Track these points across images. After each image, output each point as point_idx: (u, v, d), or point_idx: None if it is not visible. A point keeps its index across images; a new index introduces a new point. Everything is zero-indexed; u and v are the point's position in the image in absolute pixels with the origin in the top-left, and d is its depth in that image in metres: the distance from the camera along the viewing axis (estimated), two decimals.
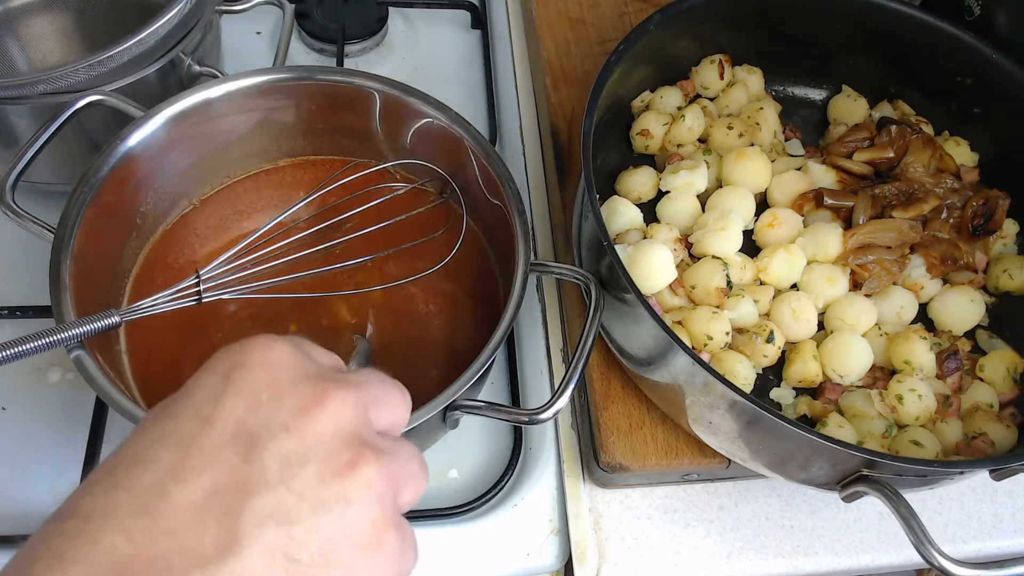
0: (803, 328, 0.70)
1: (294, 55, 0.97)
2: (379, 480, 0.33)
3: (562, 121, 0.87)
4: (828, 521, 0.72)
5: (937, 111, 0.85)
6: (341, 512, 0.32)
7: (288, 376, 0.34)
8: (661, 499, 0.72)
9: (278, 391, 0.33)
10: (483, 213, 0.72)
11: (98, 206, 0.62)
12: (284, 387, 0.33)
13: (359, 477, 0.32)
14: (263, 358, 0.34)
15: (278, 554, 0.30)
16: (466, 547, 0.67)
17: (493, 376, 0.77)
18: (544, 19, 0.95)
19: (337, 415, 0.33)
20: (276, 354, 0.35)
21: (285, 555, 0.30)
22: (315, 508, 0.31)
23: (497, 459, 0.73)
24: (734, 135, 0.80)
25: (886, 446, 0.66)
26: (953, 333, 0.74)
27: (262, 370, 0.34)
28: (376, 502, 0.33)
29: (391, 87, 0.70)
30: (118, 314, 0.54)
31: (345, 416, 0.34)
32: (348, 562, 0.32)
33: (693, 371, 0.59)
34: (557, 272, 0.66)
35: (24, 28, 0.80)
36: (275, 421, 0.32)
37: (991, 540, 0.73)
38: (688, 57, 0.85)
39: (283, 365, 0.34)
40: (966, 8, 0.83)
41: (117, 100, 0.66)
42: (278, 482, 0.31)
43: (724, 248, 0.71)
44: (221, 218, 0.74)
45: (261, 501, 0.30)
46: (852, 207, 0.76)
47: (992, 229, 0.77)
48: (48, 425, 0.70)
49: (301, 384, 0.34)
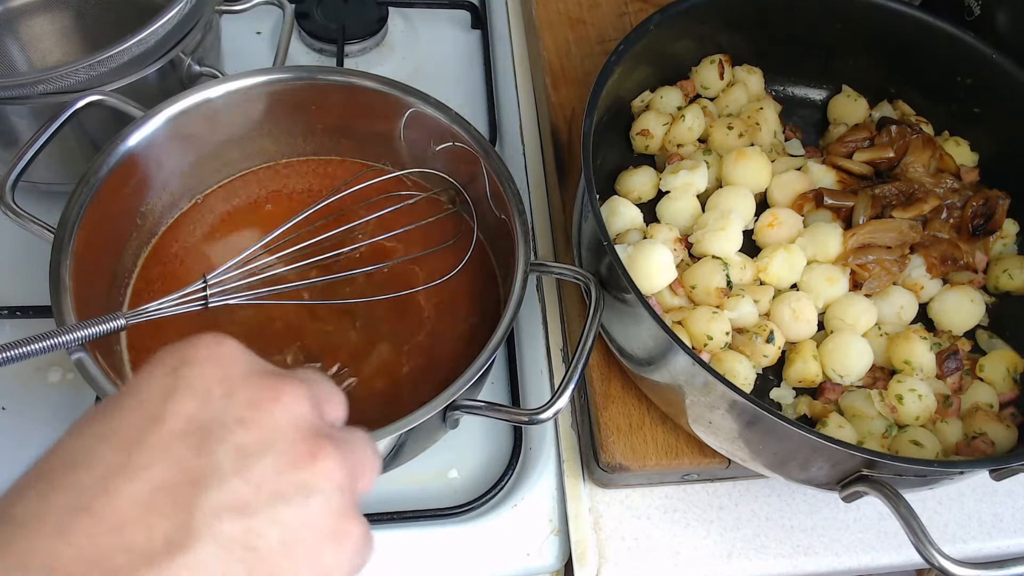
0: (803, 328, 0.70)
1: (294, 55, 0.97)
2: (339, 470, 0.33)
3: (562, 121, 0.87)
4: (828, 521, 0.72)
5: (937, 111, 0.85)
6: (302, 502, 0.31)
7: (239, 372, 0.33)
8: (661, 499, 0.72)
9: (230, 387, 0.33)
10: (483, 213, 0.72)
11: (98, 206, 0.62)
12: (236, 383, 0.33)
13: (320, 468, 0.32)
14: (212, 354, 0.33)
15: (235, 545, 0.29)
16: (466, 547, 0.67)
17: (493, 376, 0.77)
18: (544, 19, 0.95)
19: (292, 408, 0.33)
20: (225, 350, 0.34)
21: (243, 545, 0.29)
22: (273, 499, 0.30)
23: (497, 459, 0.73)
24: (734, 135, 0.80)
25: (886, 446, 0.66)
26: (953, 333, 0.74)
27: (212, 366, 0.33)
28: (337, 492, 0.32)
29: (391, 87, 0.70)
30: (123, 317, 0.54)
31: (301, 409, 0.33)
32: (311, 552, 0.31)
33: (693, 371, 0.59)
34: (557, 272, 0.66)
35: (24, 28, 0.80)
36: (229, 416, 0.32)
37: (991, 540, 0.73)
38: (688, 57, 0.85)
39: (233, 361, 0.34)
40: (966, 8, 0.83)
41: (117, 100, 0.66)
42: (232, 474, 0.30)
43: (724, 248, 0.71)
44: (221, 218, 0.74)
45: (215, 494, 0.29)
46: (852, 207, 0.76)
47: (992, 229, 0.77)
48: (48, 425, 0.70)
49: (253, 379, 0.33)
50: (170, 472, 0.29)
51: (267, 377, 0.34)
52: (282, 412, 0.32)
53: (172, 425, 0.31)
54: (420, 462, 0.67)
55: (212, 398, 0.32)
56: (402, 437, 0.56)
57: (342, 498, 0.33)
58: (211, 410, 0.31)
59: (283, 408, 0.33)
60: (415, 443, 0.64)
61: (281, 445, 0.32)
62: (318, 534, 0.31)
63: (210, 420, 0.31)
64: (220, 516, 0.29)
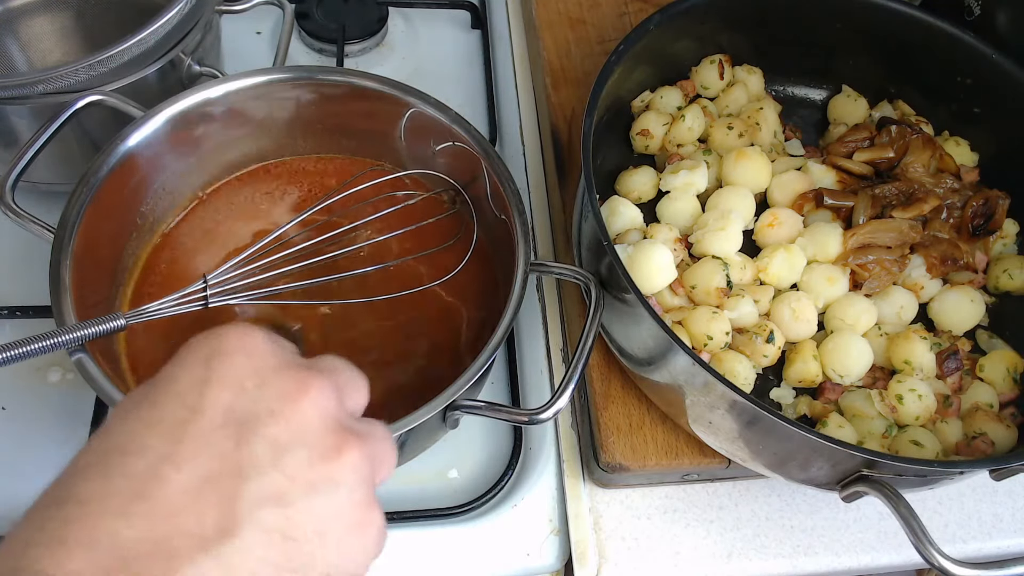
0: (803, 328, 0.70)
1: (294, 55, 0.97)
2: (362, 463, 0.35)
3: (562, 121, 0.87)
4: (828, 521, 0.72)
5: (937, 111, 0.85)
6: (330, 493, 0.34)
7: (268, 364, 0.35)
8: (661, 499, 0.72)
9: (262, 379, 0.35)
10: (483, 213, 0.72)
11: (98, 206, 0.62)
12: (267, 375, 0.35)
13: (345, 461, 0.34)
14: (242, 346, 0.35)
15: (275, 534, 0.32)
16: (466, 547, 0.67)
17: (493, 376, 0.77)
18: (544, 19, 0.95)
19: (319, 401, 0.35)
20: (254, 342, 0.36)
21: (282, 534, 0.32)
22: (307, 490, 0.33)
23: (497, 459, 0.73)
24: (734, 135, 0.80)
25: (886, 446, 0.66)
26: (953, 333, 0.74)
27: (243, 358, 0.35)
28: (361, 484, 0.35)
29: (391, 87, 0.70)
30: (123, 317, 0.54)
31: (326, 402, 0.35)
32: (340, 540, 0.34)
33: (693, 371, 0.59)
34: (557, 272, 0.66)
35: (24, 28, 0.80)
36: (261, 408, 0.34)
37: (991, 540, 0.73)
38: (688, 57, 0.85)
39: (262, 353, 0.36)
40: (966, 8, 0.83)
41: (117, 100, 0.66)
42: (270, 466, 0.32)
43: (724, 248, 0.71)
44: (221, 218, 0.74)
45: (256, 485, 0.32)
46: (852, 207, 0.76)
47: (992, 229, 0.77)
48: (48, 425, 0.70)
49: (282, 371, 0.35)
50: (214, 463, 0.32)
51: (295, 369, 0.36)
52: (310, 405, 0.35)
53: (211, 416, 0.33)
54: (420, 462, 0.67)
55: (245, 390, 0.34)
56: (402, 437, 0.56)
57: (365, 489, 0.35)
58: (245, 402, 0.34)
59: (311, 401, 0.35)
60: (415, 443, 0.64)
61: (310, 438, 0.34)
62: (346, 524, 0.34)
63: (245, 412, 0.33)
64: (261, 506, 0.32)
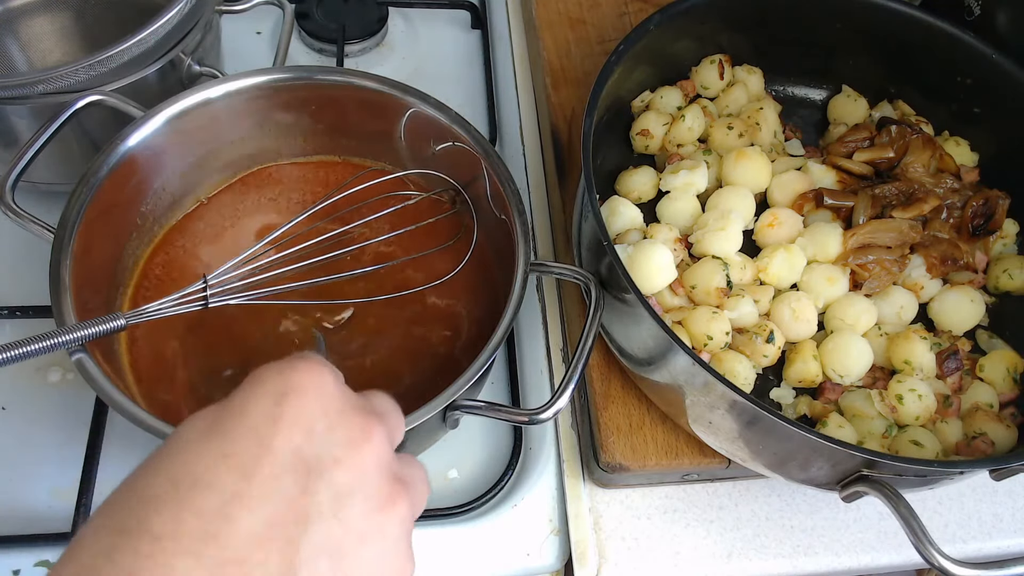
0: (803, 328, 0.70)
1: (294, 55, 0.97)
2: (408, 516, 0.37)
3: (562, 121, 0.87)
4: (828, 521, 0.72)
5: (937, 111, 0.85)
6: (378, 544, 0.35)
7: (336, 408, 0.36)
8: (661, 499, 0.72)
9: (330, 423, 0.35)
10: (483, 213, 0.72)
11: (98, 206, 0.62)
12: (335, 419, 0.36)
13: (395, 514, 0.36)
14: (314, 385, 0.36)
15: None
16: (466, 547, 0.67)
17: (493, 376, 0.77)
18: (544, 19, 0.95)
19: (377, 449, 0.36)
20: (324, 382, 0.36)
21: None
22: (359, 541, 0.34)
23: (497, 459, 0.73)
24: (734, 135, 0.80)
25: (886, 446, 0.66)
26: (953, 333, 0.74)
27: (315, 399, 0.36)
28: (404, 536, 0.37)
29: (391, 87, 0.70)
30: (123, 317, 0.54)
31: (382, 450, 0.37)
32: None
33: (693, 371, 0.59)
34: (557, 272, 0.66)
35: (24, 28, 0.80)
36: (328, 453, 0.35)
37: (991, 540, 0.73)
38: (688, 57, 0.85)
39: (332, 395, 0.36)
40: (966, 8, 0.83)
41: (117, 100, 0.66)
42: (331, 515, 0.34)
43: (724, 248, 0.71)
44: (221, 218, 0.74)
45: (316, 533, 0.33)
46: (852, 207, 0.76)
47: (992, 229, 0.77)
48: (48, 425, 0.70)
49: (347, 415, 0.36)
50: (280, 508, 0.33)
51: (358, 414, 0.37)
52: (370, 452, 0.36)
53: (282, 458, 0.34)
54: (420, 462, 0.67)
55: (315, 432, 0.35)
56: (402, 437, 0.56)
57: (407, 540, 0.37)
58: (314, 446, 0.35)
59: (371, 448, 0.36)
60: (415, 443, 0.64)
61: (368, 488, 0.35)
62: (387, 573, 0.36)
63: (312, 457, 0.34)
64: (319, 556, 0.33)
